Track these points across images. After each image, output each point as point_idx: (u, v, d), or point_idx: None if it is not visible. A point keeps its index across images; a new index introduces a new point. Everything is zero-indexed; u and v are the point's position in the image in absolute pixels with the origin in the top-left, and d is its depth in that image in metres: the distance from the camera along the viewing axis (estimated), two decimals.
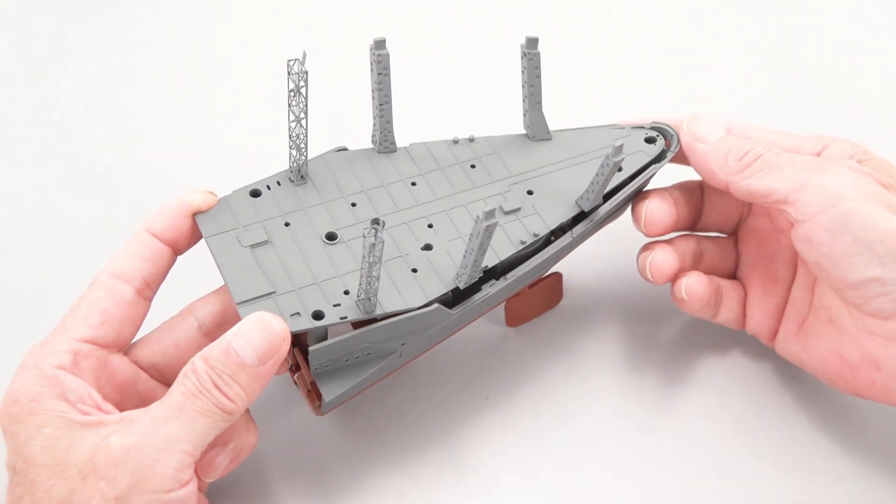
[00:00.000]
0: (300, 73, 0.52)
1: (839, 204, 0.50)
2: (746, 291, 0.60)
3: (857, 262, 0.50)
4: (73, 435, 0.47)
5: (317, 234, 0.54)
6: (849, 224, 0.50)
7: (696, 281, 0.57)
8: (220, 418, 0.48)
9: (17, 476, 0.47)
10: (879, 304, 0.51)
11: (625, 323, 0.64)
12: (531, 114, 0.60)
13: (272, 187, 0.56)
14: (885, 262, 0.50)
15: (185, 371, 0.48)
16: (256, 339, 0.48)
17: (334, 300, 0.52)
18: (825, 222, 0.51)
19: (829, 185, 0.51)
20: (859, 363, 0.53)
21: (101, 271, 0.53)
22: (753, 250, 0.60)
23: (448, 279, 0.53)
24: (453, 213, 0.56)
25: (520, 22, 0.83)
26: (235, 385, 0.48)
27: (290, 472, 0.57)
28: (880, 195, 0.51)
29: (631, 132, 0.60)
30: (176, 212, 0.54)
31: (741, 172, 0.54)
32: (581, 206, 0.57)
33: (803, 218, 0.52)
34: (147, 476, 0.46)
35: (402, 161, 0.58)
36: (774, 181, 0.53)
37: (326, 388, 0.51)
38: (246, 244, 0.53)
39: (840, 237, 0.50)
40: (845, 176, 0.51)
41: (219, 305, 0.55)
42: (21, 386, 0.49)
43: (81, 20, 0.82)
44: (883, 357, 0.52)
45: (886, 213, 0.50)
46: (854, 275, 0.51)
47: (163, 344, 0.54)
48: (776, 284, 0.58)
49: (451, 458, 0.58)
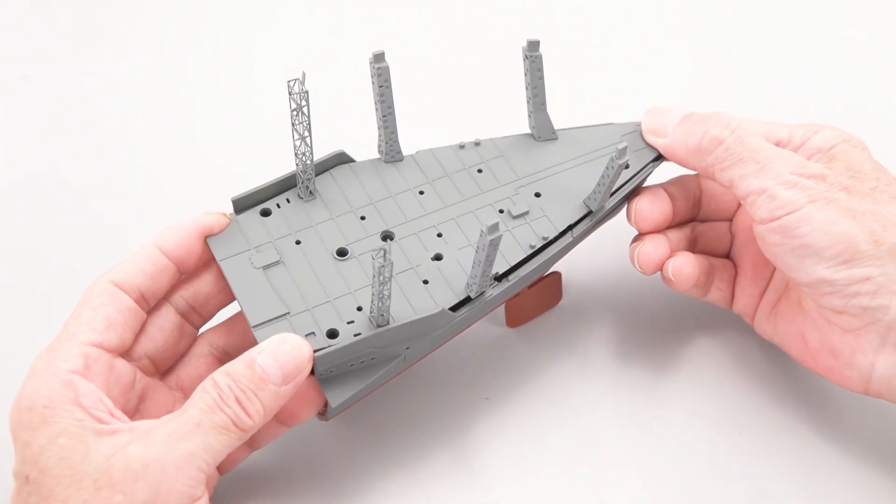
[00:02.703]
0: (301, 92, 0.52)
1: (793, 212, 0.52)
2: (737, 272, 0.61)
3: (805, 264, 0.52)
4: (87, 444, 0.47)
5: (327, 250, 0.55)
6: (799, 230, 0.52)
7: (684, 261, 0.58)
8: (236, 436, 0.48)
9: (32, 486, 0.47)
10: (830, 301, 0.53)
11: (625, 322, 0.64)
12: (536, 115, 0.60)
13: (282, 205, 0.56)
14: (832, 265, 0.52)
15: (204, 386, 0.49)
16: (283, 358, 0.49)
17: (348, 317, 0.52)
18: (776, 227, 0.53)
19: (784, 195, 0.52)
20: (819, 349, 0.55)
21: (100, 277, 0.53)
22: (745, 233, 0.61)
23: (458, 288, 0.54)
24: (462, 220, 0.57)
25: (518, 21, 0.82)
26: (257, 402, 0.49)
27: (289, 472, 0.57)
28: (834, 200, 0.52)
29: (636, 128, 0.60)
30: (189, 231, 0.54)
31: (705, 160, 0.56)
32: (589, 206, 0.57)
33: (758, 220, 0.53)
34: (164, 493, 0.47)
35: (408, 170, 0.58)
36: (737, 178, 0.54)
37: (332, 393, 0.52)
38: (258, 266, 0.54)
39: (790, 241, 0.52)
40: (801, 184, 0.53)
41: (190, 290, 0.56)
42: (34, 392, 0.48)
43: (84, 23, 0.82)
44: (839, 346, 0.54)
45: (836, 219, 0.52)
46: (804, 275, 0.53)
47: (148, 332, 0.54)
48: (765, 266, 0.59)
49: (451, 458, 0.58)
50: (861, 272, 0.51)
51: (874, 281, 0.51)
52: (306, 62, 0.78)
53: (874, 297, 0.51)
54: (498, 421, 0.59)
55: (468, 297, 0.53)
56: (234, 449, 0.49)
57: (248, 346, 0.58)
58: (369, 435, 0.59)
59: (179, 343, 0.56)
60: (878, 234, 0.51)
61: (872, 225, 0.52)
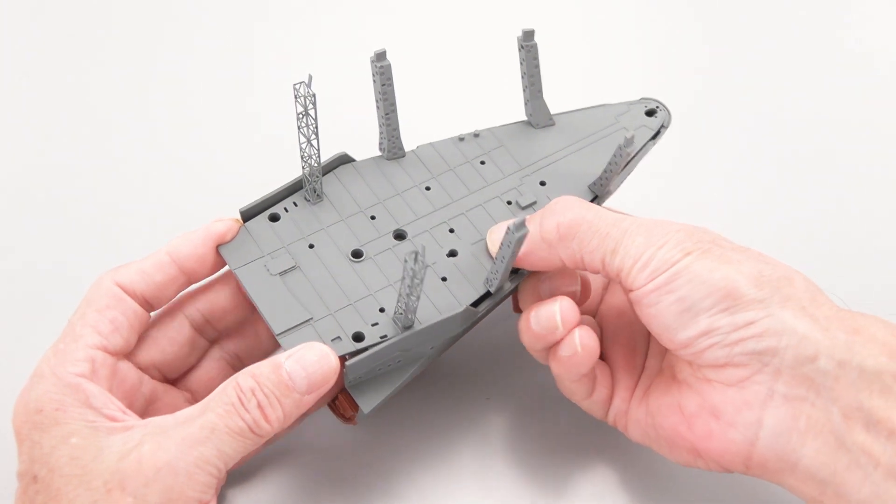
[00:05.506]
0: (307, 95, 0.52)
1: (669, 268, 0.49)
2: (612, 368, 0.56)
3: (684, 318, 0.49)
4: (99, 443, 0.47)
5: (342, 252, 0.55)
6: (676, 283, 0.49)
7: (588, 333, 0.52)
8: (251, 441, 0.48)
9: (40, 485, 0.47)
10: (713, 354, 0.49)
11: None
12: (533, 102, 0.60)
13: (290, 209, 0.56)
14: (713, 313, 0.48)
15: (224, 387, 0.48)
16: (310, 367, 0.49)
17: (371, 319, 0.52)
18: (652, 287, 0.49)
19: (659, 255, 0.49)
20: (697, 413, 0.50)
21: (105, 275, 0.52)
22: (614, 320, 0.57)
23: (477, 283, 0.54)
24: (472, 214, 0.57)
25: (509, 9, 0.82)
26: (279, 408, 0.48)
27: (288, 472, 0.57)
28: (708, 251, 0.49)
29: (630, 108, 0.61)
30: (204, 240, 0.53)
31: (570, 247, 0.52)
32: (594, 191, 0.58)
33: (636, 287, 0.50)
34: (175, 499, 0.46)
35: (412, 166, 0.58)
36: (608, 254, 0.51)
37: (363, 399, 0.52)
38: (275, 272, 0.53)
39: (667, 296, 0.49)
40: (672, 241, 0.50)
41: (206, 303, 0.55)
42: (43, 395, 0.48)
43: (90, 28, 0.81)
44: (721, 403, 0.49)
45: (714, 266, 0.49)
46: (683, 333, 0.49)
47: (159, 344, 0.54)
48: (636, 352, 0.56)
49: (451, 458, 0.58)
50: (744, 316, 0.48)
51: (759, 323, 0.48)
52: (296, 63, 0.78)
53: (760, 339, 0.48)
54: (498, 421, 0.59)
55: (488, 293, 0.54)
56: (246, 453, 0.49)
57: (260, 351, 0.58)
58: (368, 435, 0.59)
59: (190, 356, 0.56)
60: (758, 276, 0.48)
61: (751, 268, 0.49)
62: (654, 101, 0.61)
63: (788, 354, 0.48)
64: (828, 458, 0.47)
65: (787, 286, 0.49)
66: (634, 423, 0.54)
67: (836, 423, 0.47)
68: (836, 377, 0.47)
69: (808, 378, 0.47)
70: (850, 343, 0.47)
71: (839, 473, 0.47)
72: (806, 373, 0.47)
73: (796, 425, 0.48)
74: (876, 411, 0.47)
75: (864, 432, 0.47)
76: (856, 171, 0.73)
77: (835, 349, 0.47)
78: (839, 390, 0.47)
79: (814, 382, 0.47)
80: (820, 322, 0.48)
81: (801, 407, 0.48)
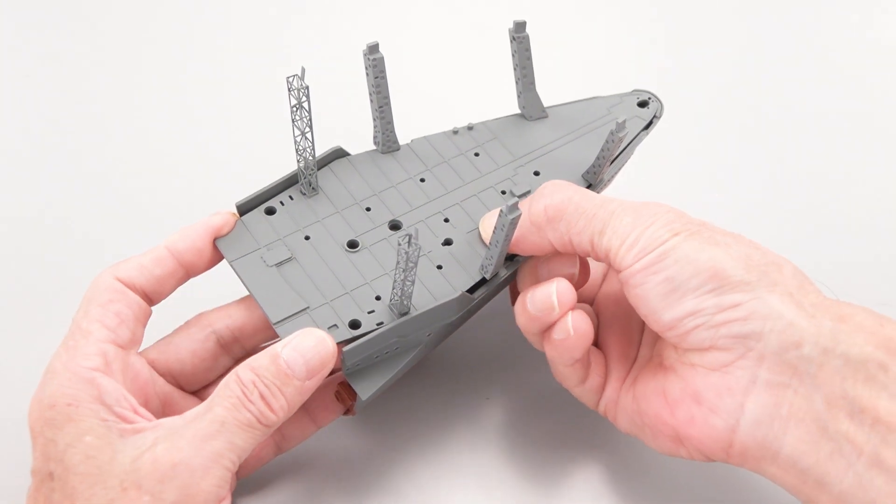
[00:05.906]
0: (301, 88, 0.52)
1: (657, 247, 0.49)
2: (606, 356, 0.56)
3: (671, 299, 0.49)
4: (113, 444, 0.47)
5: (338, 243, 0.55)
6: (663, 262, 0.49)
7: (582, 317, 0.52)
8: (260, 432, 0.48)
9: (56, 483, 0.47)
10: (697, 335, 0.49)
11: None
12: (525, 94, 0.61)
13: (285, 203, 0.56)
14: (699, 294, 0.48)
15: (227, 382, 0.48)
16: (308, 353, 0.49)
17: (367, 307, 0.52)
18: (640, 266, 0.49)
19: (647, 234, 0.49)
20: (680, 398, 0.50)
21: (104, 272, 0.52)
22: (610, 307, 0.57)
23: (473, 270, 0.54)
24: (466, 204, 0.57)
25: (501, 1, 0.83)
26: (281, 397, 0.49)
27: (287, 473, 0.57)
28: (697, 232, 0.49)
29: (623, 100, 0.62)
30: (201, 234, 0.54)
31: (558, 229, 0.52)
32: (588, 180, 0.58)
33: (624, 267, 0.50)
34: (192, 495, 0.47)
35: (406, 159, 0.59)
36: (596, 234, 0.51)
37: (360, 386, 0.52)
38: (271, 263, 0.54)
39: (654, 276, 0.49)
40: (661, 221, 0.50)
41: (239, 320, 0.55)
42: (56, 390, 0.48)
43: (87, 24, 0.82)
44: (704, 388, 0.49)
45: (701, 247, 0.49)
46: (669, 313, 0.49)
47: (180, 352, 0.54)
48: (631, 342, 0.56)
49: (451, 458, 0.58)
50: (730, 298, 0.48)
51: (745, 306, 0.47)
52: (290, 56, 0.79)
53: (745, 322, 0.47)
54: (498, 421, 0.60)
55: (483, 279, 0.54)
56: (258, 445, 0.49)
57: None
58: (367, 434, 0.59)
59: (210, 371, 0.56)
60: (746, 260, 0.48)
61: (739, 251, 0.49)
62: (646, 93, 0.62)
63: (773, 339, 0.47)
64: (810, 447, 0.47)
65: (775, 272, 0.49)
66: (623, 411, 0.54)
67: (820, 410, 0.47)
68: (821, 364, 0.47)
69: (792, 365, 0.47)
70: (836, 331, 0.47)
71: (821, 462, 0.47)
72: (790, 359, 0.47)
73: (778, 412, 0.47)
74: (860, 400, 0.46)
75: (847, 420, 0.46)
76: (850, 166, 0.73)
77: (820, 336, 0.47)
78: (823, 378, 0.47)
79: (797, 370, 0.47)
80: (806, 309, 0.48)
81: (784, 394, 0.47)
